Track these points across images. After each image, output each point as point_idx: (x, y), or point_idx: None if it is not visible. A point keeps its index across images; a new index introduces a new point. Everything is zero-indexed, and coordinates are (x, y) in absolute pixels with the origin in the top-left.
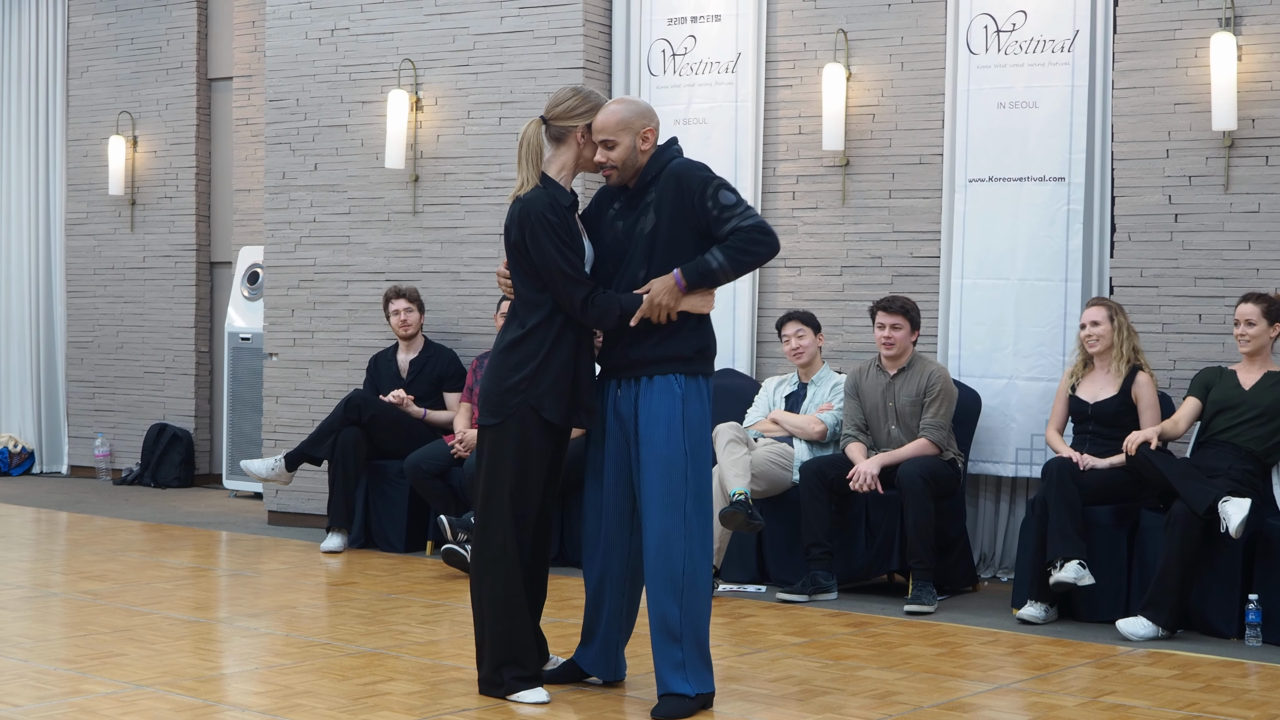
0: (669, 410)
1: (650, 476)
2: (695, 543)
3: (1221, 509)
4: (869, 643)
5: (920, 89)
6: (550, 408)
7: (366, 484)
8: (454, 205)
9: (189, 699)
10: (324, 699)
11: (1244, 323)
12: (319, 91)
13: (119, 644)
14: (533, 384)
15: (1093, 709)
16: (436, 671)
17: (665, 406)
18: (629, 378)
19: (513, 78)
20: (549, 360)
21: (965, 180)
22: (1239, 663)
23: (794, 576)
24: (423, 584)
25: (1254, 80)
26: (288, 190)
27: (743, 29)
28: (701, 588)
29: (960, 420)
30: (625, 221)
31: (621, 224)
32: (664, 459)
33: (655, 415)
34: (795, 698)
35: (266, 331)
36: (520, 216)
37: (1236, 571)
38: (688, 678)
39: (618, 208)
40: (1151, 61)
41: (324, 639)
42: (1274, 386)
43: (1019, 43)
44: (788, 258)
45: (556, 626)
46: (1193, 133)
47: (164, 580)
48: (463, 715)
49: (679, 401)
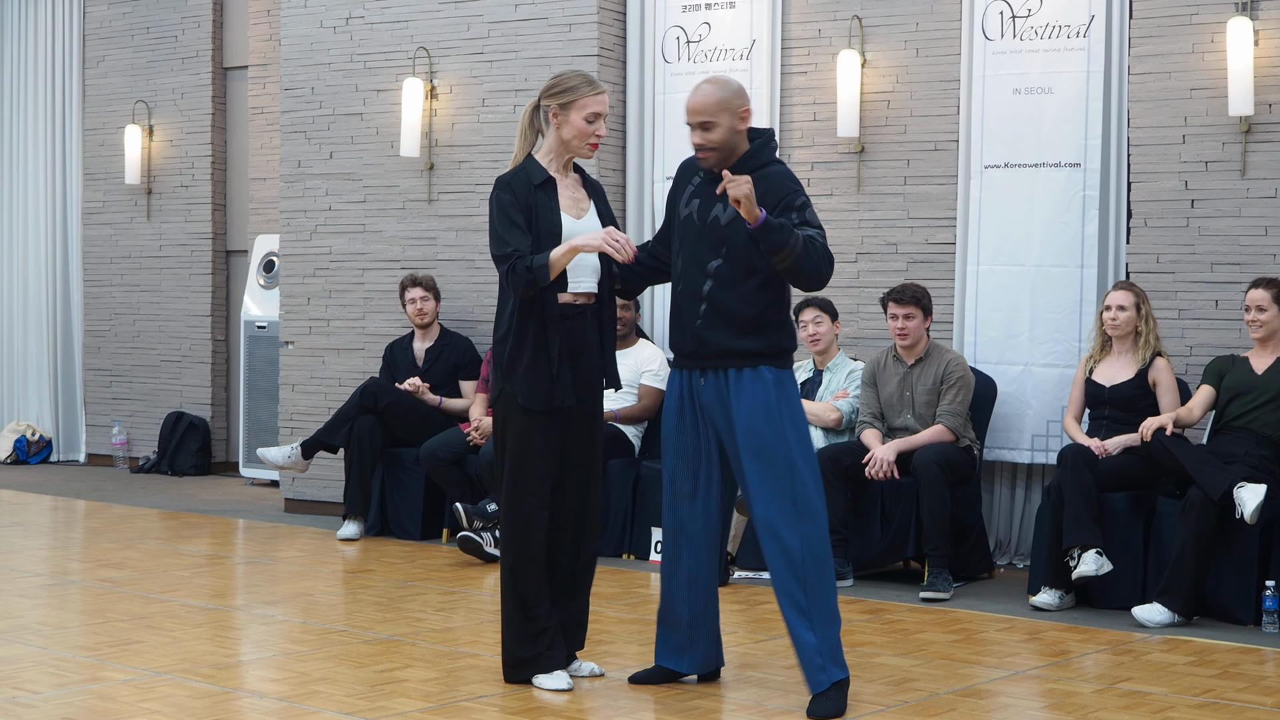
0: (765, 398)
1: (752, 465)
2: (809, 526)
3: (1237, 495)
4: (885, 629)
5: (935, 75)
6: (525, 394)
7: (382, 472)
8: (469, 193)
9: (207, 686)
10: (341, 686)
11: (1255, 309)
12: (334, 80)
13: (137, 631)
14: (510, 372)
15: (1109, 696)
16: (453, 658)
17: (761, 395)
18: (714, 369)
19: (527, 65)
20: (519, 346)
21: (981, 166)
22: (1255, 649)
23: None
24: (439, 571)
25: (1271, 65)
26: (303, 179)
27: (757, 16)
28: (825, 572)
29: (976, 407)
30: (701, 202)
31: (698, 204)
32: (766, 446)
33: (752, 404)
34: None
35: (282, 320)
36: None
37: (1253, 557)
38: (825, 667)
39: (697, 184)
40: (1168, 47)
41: (341, 626)
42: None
43: (1034, 28)
44: None
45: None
46: (1209, 118)
47: (181, 568)
48: (480, 702)
49: (772, 388)
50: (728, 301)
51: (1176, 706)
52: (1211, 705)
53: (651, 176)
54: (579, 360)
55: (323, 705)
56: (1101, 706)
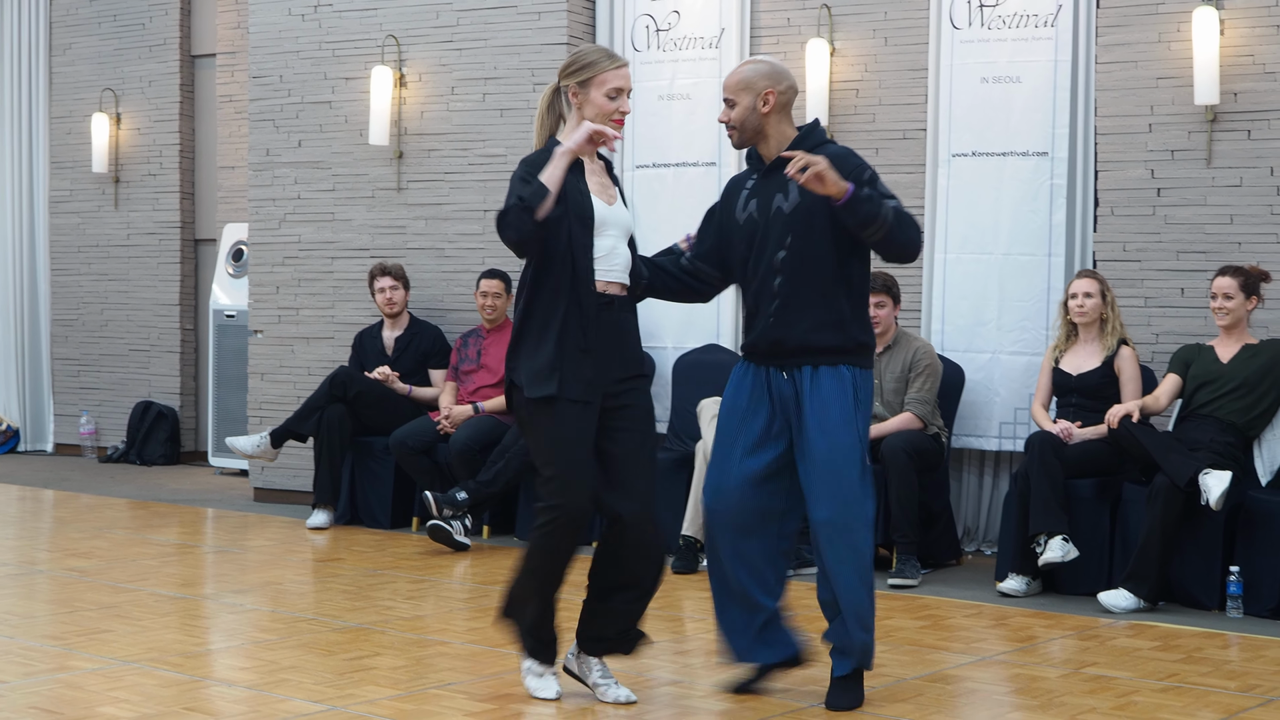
0: (842, 396)
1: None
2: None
3: (1202, 481)
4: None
5: (904, 64)
6: (529, 385)
7: (352, 461)
8: (439, 182)
9: (175, 675)
10: (310, 674)
11: (1221, 296)
12: (302, 68)
13: (105, 620)
14: (515, 364)
15: (1074, 680)
16: (422, 646)
17: (838, 393)
18: (793, 366)
19: (496, 53)
20: (522, 337)
21: (949, 155)
22: (1220, 634)
23: None
24: (408, 560)
25: (1236, 54)
26: (272, 167)
27: (726, 4)
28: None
29: (944, 395)
30: (760, 200)
31: (756, 202)
32: (838, 445)
33: (827, 400)
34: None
35: (251, 309)
36: None
37: (1217, 543)
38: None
39: (751, 186)
40: (1134, 36)
41: (310, 615)
42: (1252, 358)
43: (1002, 17)
44: None
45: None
46: (1175, 107)
47: (150, 557)
48: (449, 690)
49: (850, 388)
50: (800, 293)
51: (1141, 690)
52: (1176, 689)
53: (621, 165)
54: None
55: (291, 693)
56: (1067, 691)
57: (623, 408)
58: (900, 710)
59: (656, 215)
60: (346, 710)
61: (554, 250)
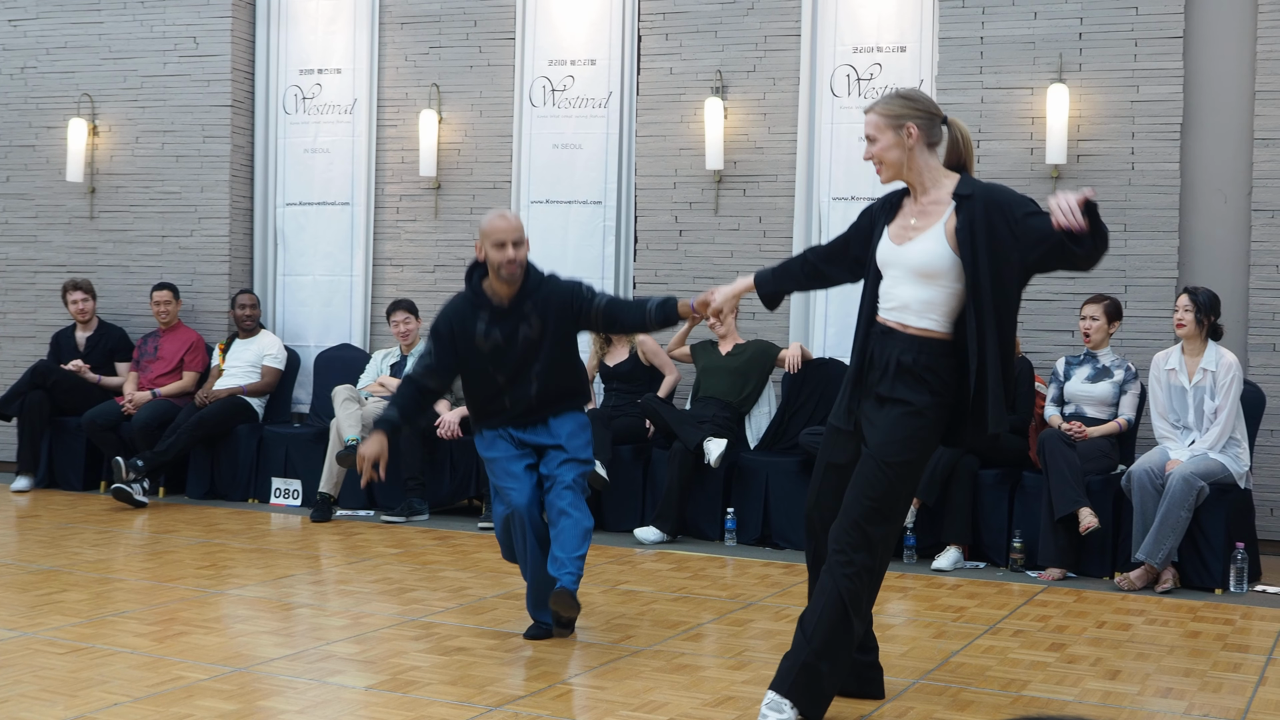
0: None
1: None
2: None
3: (706, 446)
4: (451, 553)
5: (495, 131)
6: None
7: (50, 436)
8: (124, 212)
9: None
10: (6, 608)
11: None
12: (10, 117)
13: None
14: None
15: (612, 595)
16: (104, 583)
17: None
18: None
19: (174, 112)
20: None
21: (529, 202)
22: (719, 558)
23: (396, 503)
24: (96, 515)
25: (736, 133)
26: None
27: (358, 79)
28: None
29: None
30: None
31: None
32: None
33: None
34: (392, 594)
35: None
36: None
37: (718, 492)
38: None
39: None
40: (663, 117)
41: (9, 560)
42: (741, 353)
43: (569, 99)
44: (393, 258)
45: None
46: (693, 170)
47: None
48: (123, 617)
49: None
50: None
51: (659, 600)
52: (684, 599)
53: (274, 202)
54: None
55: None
56: (606, 604)
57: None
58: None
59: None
60: (36, 636)
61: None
